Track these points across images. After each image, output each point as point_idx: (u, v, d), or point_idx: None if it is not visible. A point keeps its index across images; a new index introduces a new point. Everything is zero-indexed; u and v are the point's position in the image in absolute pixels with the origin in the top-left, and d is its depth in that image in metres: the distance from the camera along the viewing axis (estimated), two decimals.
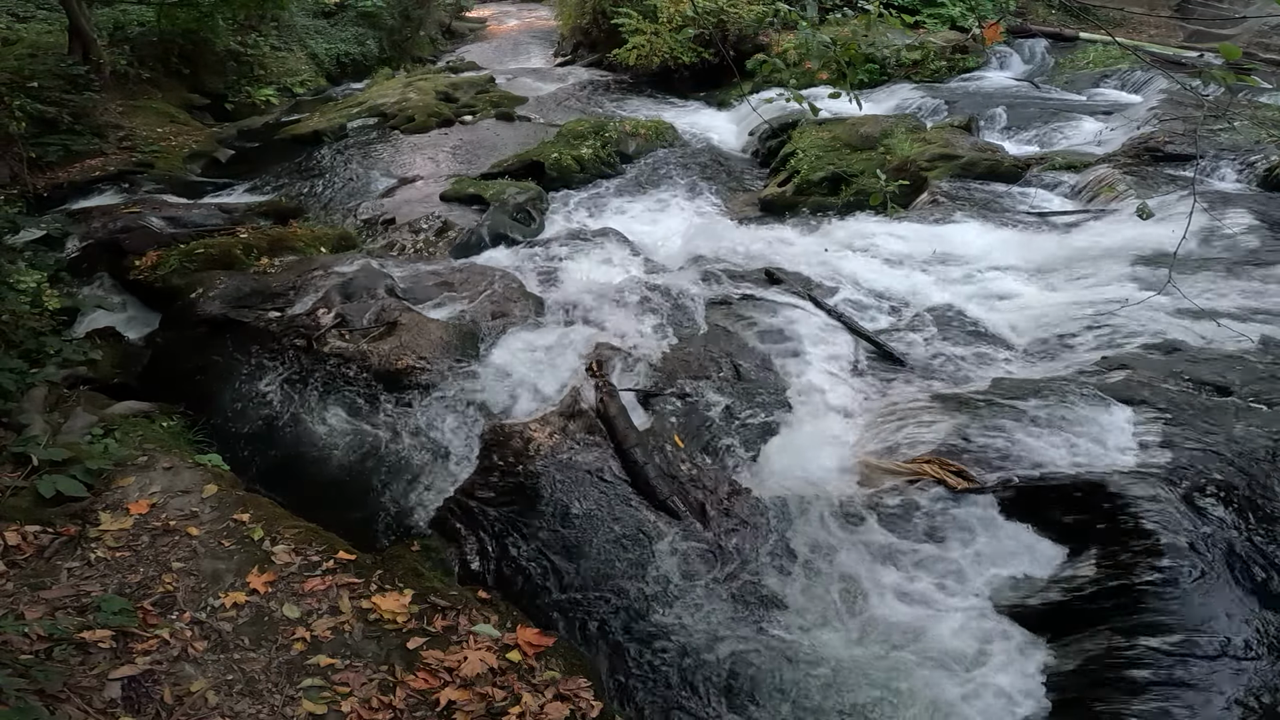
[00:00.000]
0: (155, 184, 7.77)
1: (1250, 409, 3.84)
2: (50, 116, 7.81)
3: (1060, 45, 11.69)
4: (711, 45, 10.67)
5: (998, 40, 10.71)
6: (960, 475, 3.66)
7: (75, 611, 2.94)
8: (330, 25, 14.09)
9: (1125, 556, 3.14)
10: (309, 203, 7.78)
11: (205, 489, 3.70)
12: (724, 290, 5.63)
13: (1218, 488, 3.33)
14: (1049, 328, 5.03)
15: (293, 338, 4.94)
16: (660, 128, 9.33)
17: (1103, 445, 3.72)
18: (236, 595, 3.13)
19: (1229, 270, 5.27)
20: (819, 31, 3.19)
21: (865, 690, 3.02)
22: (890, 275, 5.81)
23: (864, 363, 4.80)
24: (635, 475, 3.90)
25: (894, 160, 7.53)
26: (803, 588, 3.41)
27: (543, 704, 2.83)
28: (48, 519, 3.40)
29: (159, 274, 5.75)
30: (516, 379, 4.68)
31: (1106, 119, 8.29)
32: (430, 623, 3.13)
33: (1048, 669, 3.03)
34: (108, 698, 2.62)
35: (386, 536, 3.86)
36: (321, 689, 2.79)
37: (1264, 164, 6.64)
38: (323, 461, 4.29)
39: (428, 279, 5.65)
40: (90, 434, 4.00)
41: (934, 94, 9.72)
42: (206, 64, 10.96)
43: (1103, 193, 6.65)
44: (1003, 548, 3.43)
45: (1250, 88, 7.79)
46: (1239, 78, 2.74)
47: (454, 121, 10.13)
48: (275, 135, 10.10)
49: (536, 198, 7.50)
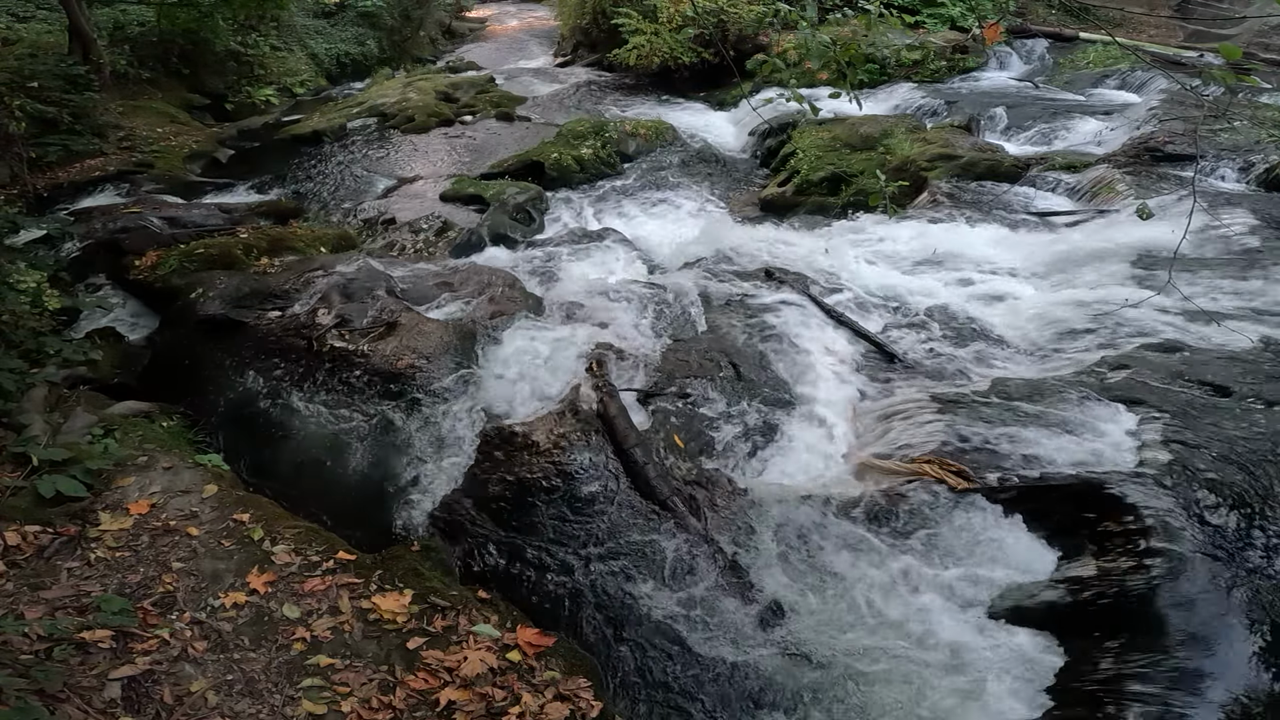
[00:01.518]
0: (155, 184, 7.77)
1: (1250, 409, 3.84)
2: (50, 116, 7.81)
3: (1060, 45, 11.70)
4: (711, 45, 10.67)
5: (998, 40, 10.71)
6: (960, 475, 3.66)
7: (75, 611, 2.94)
8: (330, 25, 14.09)
9: (1125, 557, 3.14)
10: (309, 203, 7.78)
11: (205, 489, 3.70)
12: (724, 290, 5.63)
13: (1217, 488, 3.33)
14: (1049, 327, 5.03)
15: (293, 338, 4.94)
16: (660, 128, 9.33)
17: (1102, 445, 3.72)
18: (236, 595, 3.13)
19: (1229, 270, 5.27)
20: (819, 31, 3.19)
21: (863, 691, 3.02)
22: (890, 275, 5.82)
23: (864, 362, 4.80)
24: (635, 475, 3.90)
25: (894, 160, 7.53)
26: (802, 588, 3.41)
27: (543, 704, 2.83)
28: (48, 519, 3.40)
29: (159, 274, 5.75)
30: (516, 379, 4.68)
31: (1106, 119, 8.29)
32: (430, 623, 3.13)
33: (1047, 670, 3.03)
34: (108, 698, 2.62)
35: (386, 536, 3.86)
36: (321, 689, 2.78)
37: (1264, 164, 6.64)
38: (322, 461, 4.29)
39: (428, 279, 5.65)
40: (90, 434, 4.00)
41: (934, 94, 9.72)
42: (206, 64, 10.96)
43: (1102, 193, 6.66)
44: (1002, 548, 3.43)
45: (1250, 88, 7.80)
46: (1239, 78, 2.74)
47: (454, 121, 10.13)
48: (275, 135, 10.11)
49: (536, 198, 7.50)
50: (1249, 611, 2.94)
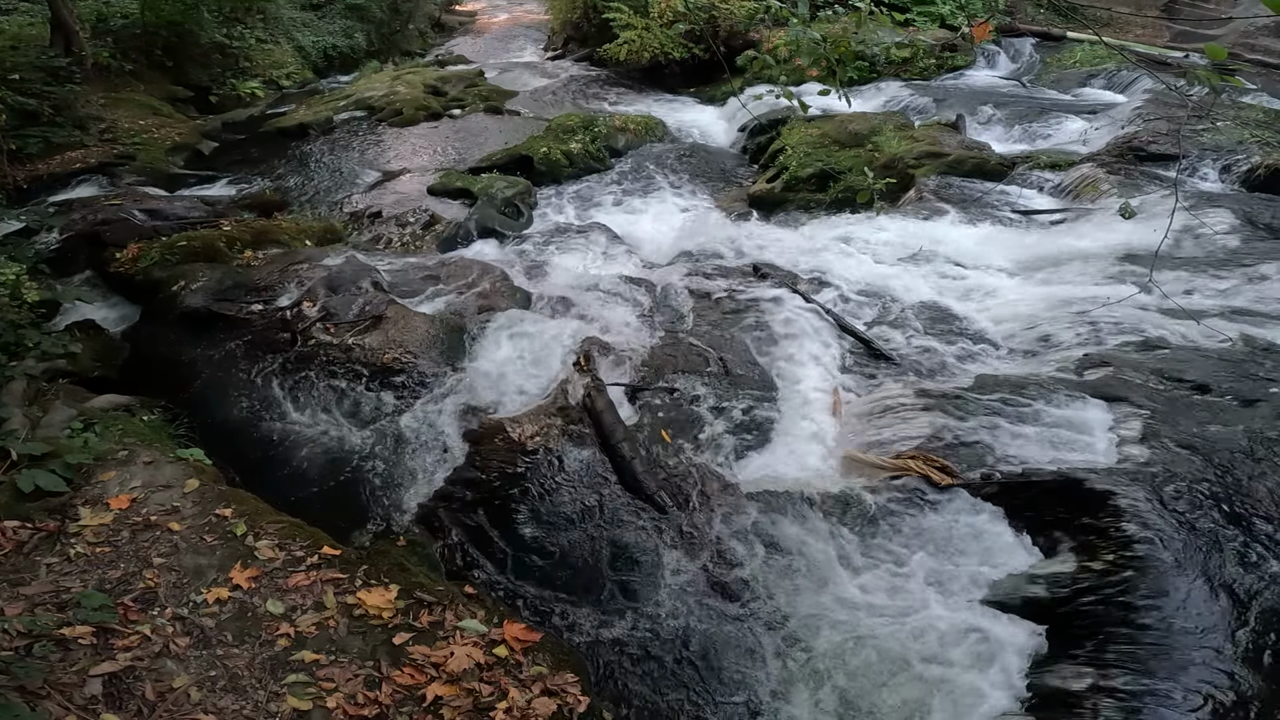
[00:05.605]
0: (137, 176, 7.69)
1: (1229, 406, 3.89)
2: (31, 109, 7.71)
3: (1048, 44, 11.78)
4: (702, 41, 10.66)
5: (987, 39, 10.74)
6: (944, 471, 3.69)
7: (55, 608, 2.90)
8: (317, 18, 13.96)
9: (1104, 552, 3.17)
10: (294, 196, 7.72)
11: (187, 484, 3.67)
12: (712, 285, 5.64)
13: (1196, 485, 3.37)
14: (1032, 325, 5.07)
15: (276, 331, 4.90)
16: (650, 123, 9.32)
17: (1083, 442, 3.76)
18: (219, 591, 3.10)
19: (1210, 269, 5.33)
20: (810, 28, 3.19)
21: (848, 684, 3.04)
22: (876, 271, 5.84)
23: (850, 358, 4.83)
24: (622, 470, 3.90)
25: (882, 157, 7.56)
26: (789, 582, 3.43)
27: (530, 699, 2.82)
28: (27, 514, 3.36)
29: (140, 267, 5.69)
30: (503, 373, 4.67)
31: (1092, 118, 8.36)
32: (416, 618, 3.11)
33: (1027, 664, 3.06)
34: (89, 694, 2.59)
35: (372, 532, 3.85)
36: (306, 685, 2.77)
37: (1246, 164, 6.72)
38: (307, 456, 4.26)
39: (414, 272, 5.62)
40: (70, 428, 3.95)
41: (922, 92, 9.76)
42: (191, 56, 10.83)
43: (1086, 191, 6.71)
44: (985, 543, 3.47)
45: (1234, 88, 7.88)
46: (1223, 78, 2.77)
47: (442, 115, 10.07)
48: (260, 128, 10.01)
49: (525, 192, 7.47)
50: (1226, 606, 2.98)
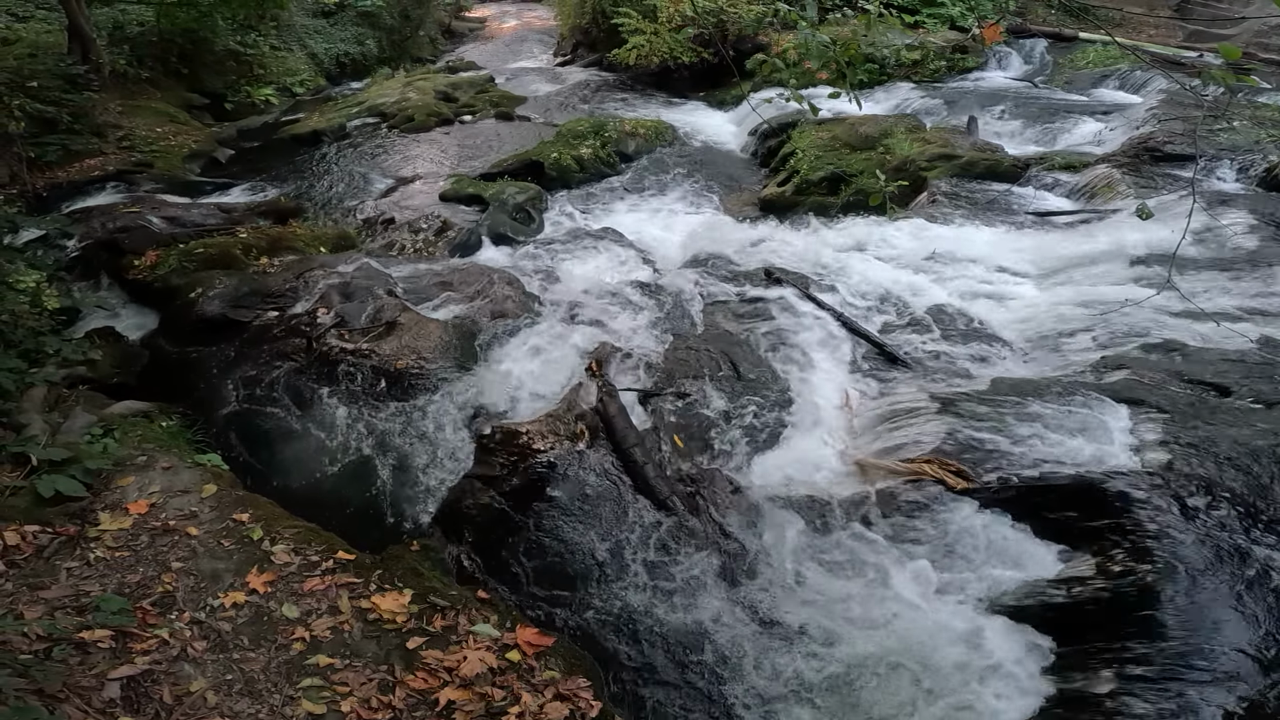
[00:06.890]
0: (154, 183, 7.77)
1: (1250, 409, 3.84)
2: (49, 116, 7.80)
3: (1060, 45, 11.68)
4: (711, 45, 10.67)
5: (997, 40, 10.71)
6: (959, 475, 3.66)
7: (74, 611, 2.93)
8: (330, 25, 14.08)
9: (1123, 558, 3.14)
10: (308, 202, 7.77)
11: (204, 489, 3.70)
12: (724, 290, 5.64)
13: (1216, 489, 3.33)
14: (1048, 327, 5.03)
15: (292, 337, 4.94)
16: (660, 127, 9.32)
17: (1102, 445, 3.72)
18: (236, 595, 3.13)
19: (1228, 270, 5.27)
20: (818, 31, 3.18)
21: (864, 690, 3.02)
22: (889, 275, 5.81)
23: (863, 362, 4.80)
24: (635, 475, 3.90)
25: (893, 160, 7.53)
26: (802, 588, 3.41)
27: (542, 704, 2.83)
28: (47, 519, 3.40)
29: (158, 274, 5.75)
30: (516, 379, 4.68)
31: (1106, 119, 8.28)
32: (430, 622, 3.12)
33: (1045, 670, 3.03)
34: (107, 697, 2.61)
35: (386, 536, 3.86)
36: (321, 689, 2.78)
37: (1263, 164, 6.64)
38: (322, 461, 4.29)
39: (427, 279, 5.64)
40: (89, 434, 4.00)
41: (933, 94, 9.72)
42: (206, 64, 10.95)
43: (1102, 192, 6.65)
44: (1001, 548, 3.43)
45: (1250, 88, 7.79)
46: (1238, 78, 2.74)
47: (453, 121, 10.12)
48: (274, 135, 10.10)
49: (536, 197, 7.49)
50: (1247, 611, 2.94)
